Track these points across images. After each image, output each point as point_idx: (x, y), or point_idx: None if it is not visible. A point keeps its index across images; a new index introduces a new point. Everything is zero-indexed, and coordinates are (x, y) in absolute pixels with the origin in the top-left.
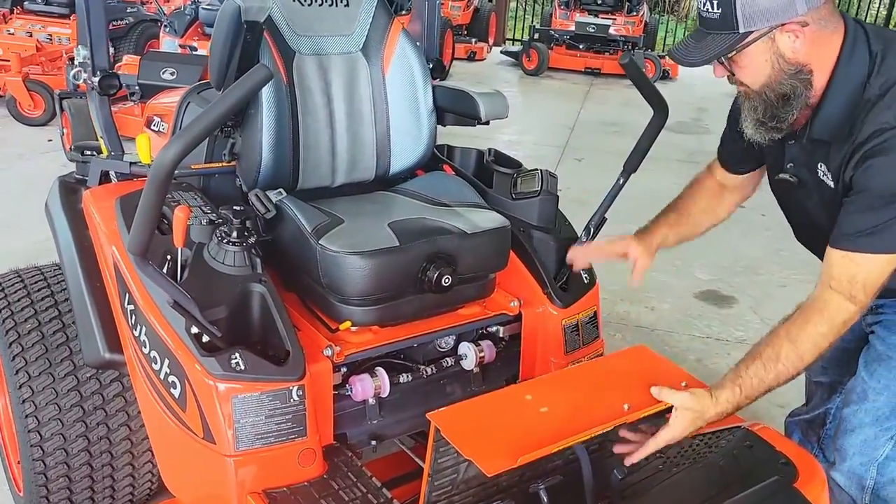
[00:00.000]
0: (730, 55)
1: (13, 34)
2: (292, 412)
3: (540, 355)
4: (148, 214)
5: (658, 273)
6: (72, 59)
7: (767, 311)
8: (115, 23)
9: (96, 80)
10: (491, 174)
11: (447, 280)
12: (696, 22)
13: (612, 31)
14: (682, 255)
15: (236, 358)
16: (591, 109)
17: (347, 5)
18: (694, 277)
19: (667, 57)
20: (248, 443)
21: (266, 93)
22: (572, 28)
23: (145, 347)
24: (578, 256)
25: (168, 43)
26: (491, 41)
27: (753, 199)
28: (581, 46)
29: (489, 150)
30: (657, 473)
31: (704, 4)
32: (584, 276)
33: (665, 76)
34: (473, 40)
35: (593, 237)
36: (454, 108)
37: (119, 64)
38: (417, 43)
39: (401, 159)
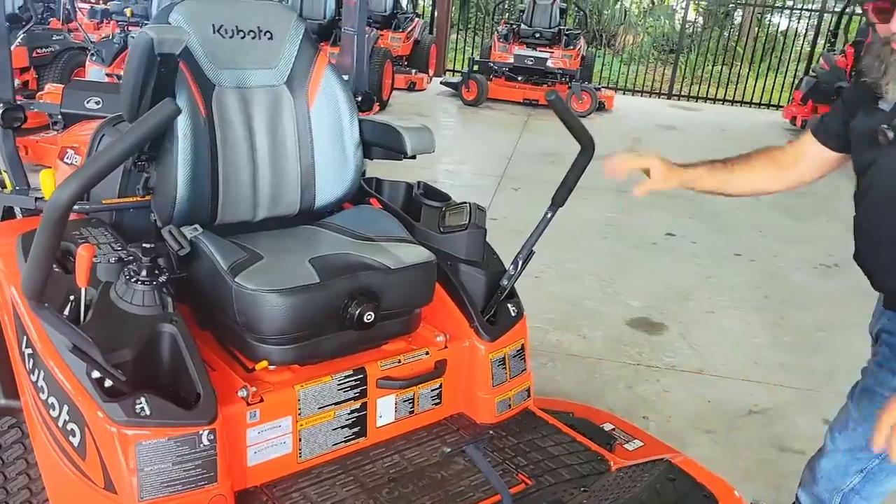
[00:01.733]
0: None
1: None
2: (202, 457)
3: (465, 388)
4: (42, 256)
5: (591, 301)
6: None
7: (696, 338)
8: (39, 50)
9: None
10: (419, 207)
11: (370, 317)
12: None
13: (549, 63)
14: (615, 283)
15: (141, 402)
16: (529, 140)
17: (271, 38)
18: (626, 305)
19: (602, 90)
20: (153, 492)
21: (182, 126)
22: (511, 60)
23: (43, 393)
24: (612, 167)
25: (95, 71)
26: (431, 72)
27: (685, 227)
28: (520, 78)
29: (418, 182)
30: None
31: None
32: (511, 309)
33: (601, 107)
34: (414, 71)
35: (521, 271)
36: (381, 142)
37: (41, 93)
38: (346, 77)
39: (326, 193)
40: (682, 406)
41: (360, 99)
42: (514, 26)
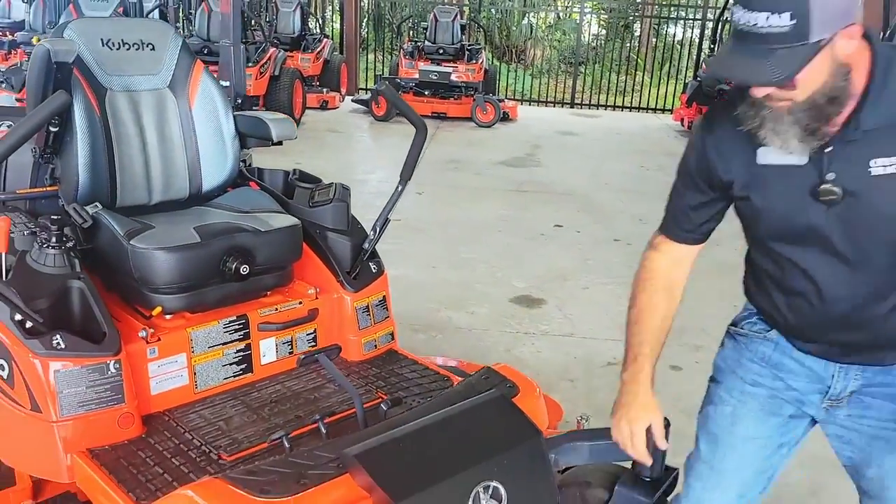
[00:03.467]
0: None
1: None
2: (110, 383)
3: (338, 333)
4: None
5: (480, 284)
6: None
7: (570, 309)
8: None
9: None
10: (293, 188)
11: (245, 269)
12: (737, 41)
13: (453, 77)
14: (503, 269)
15: (57, 339)
16: (435, 149)
17: (154, 49)
18: (511, 286)
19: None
20: (71, 410)
21: (80, 123)
22: (417, 76)
23: None
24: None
25: (5, 98)
26: (343, 90)
27: (572, 219)
28: (427, 93)
29: (294, 170)
30: (415, 405)
31: (768, 18)
32: (372, 267)
33: (505, 118)
34: (325, 90)
35: (379, 235)
36: (252, 132)
37: None
38: (226, 83)
39: (210, 179)
40: (551, 362)
41: (240, 101)
42: (419, 43)
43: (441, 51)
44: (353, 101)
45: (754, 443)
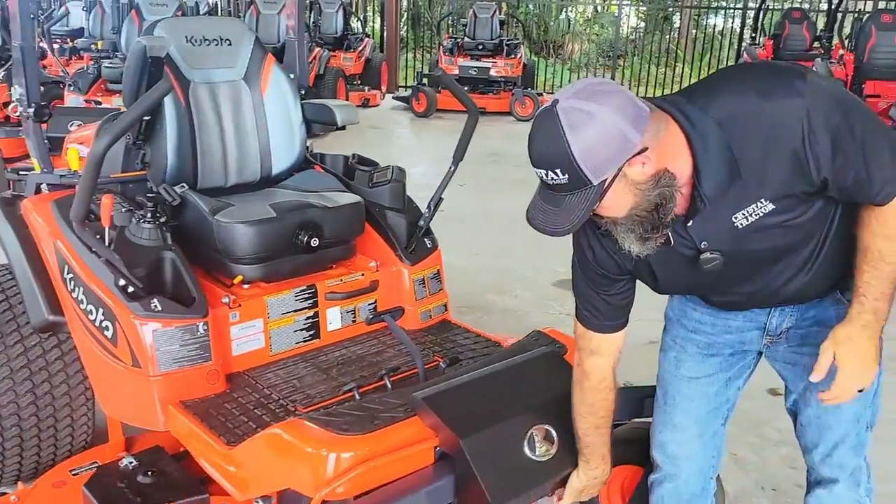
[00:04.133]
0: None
1: None
2: (199, 342)
3: (396, 303)
4: (86, 189)
5: (522, 269)
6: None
7: None
8: None
9: (31, 110)
10: (353, 171)
11: (314, 242)
12: (542, 188)
13: (492, 72)
14: (544, 255)
15: (155, 302)
16: (476, 143)
17: (231, 45)
18: (553, 271)
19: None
20: (166, 366)
21: (168, 113)
22: (456, 72)
23: (83, 303)
24: None
25: (73, 100)
26: (384, 88)
27: None
28: (466, 88)
29: (353, 154)
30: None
31: (548, 174)
32: (427, 242)
33: None
34: (367, 88)
35: (433, 213)
36: (318, 118)
37: None
38: (292, 75)
39: (279, 163)
40: None
41: (303, 92)
42: (459, 40)
43: (480, 46)
44: (393, 98)
45: (698, 382)
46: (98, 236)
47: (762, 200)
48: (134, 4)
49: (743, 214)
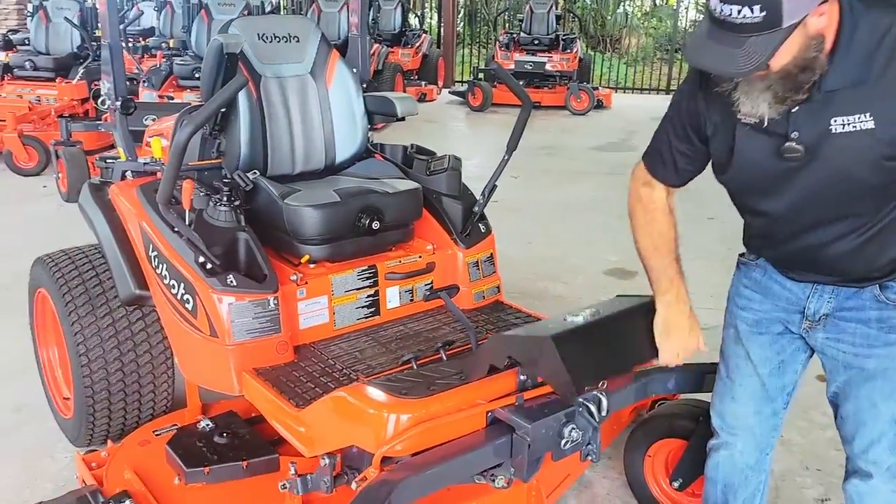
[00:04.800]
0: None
1: (5, 97)
2: (270, 315)
3: (449, 283)
4: (171, 175)
5: (573, 258)
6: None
7: None
8: (97, 83)
9: (118, 103)
10: (412, 160)
11: (376, 225)
12: (712, 26)
13: (548, 67)
14: (596, 244)
15: (230, 278)
16: (530, 137)
17: (298, 41)
18: (604, 259)
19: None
20: (240, 336)
21: (242, 105)
22: (512, 66)
23: (166, 279)
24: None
25: (147, 95)
26: (440, 84)
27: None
28: (521, 83)
29: (412, 144)
30: None
31: (740, 11)
32: (481, 227)
33: (599, 105)
34: (424, 83)
35: (488, 200)
36: (379, 110)
37: (105, 115)
38: (354, 70)
39: (343, 152)
40: None
41: (365, 85)
42: (515, 35)
43: (536, 41)
44: (449, 92)
45: (751, 361)
46: (179, 218)
47: (867, 115)
48: (203, 4)
49: (844, 120)
